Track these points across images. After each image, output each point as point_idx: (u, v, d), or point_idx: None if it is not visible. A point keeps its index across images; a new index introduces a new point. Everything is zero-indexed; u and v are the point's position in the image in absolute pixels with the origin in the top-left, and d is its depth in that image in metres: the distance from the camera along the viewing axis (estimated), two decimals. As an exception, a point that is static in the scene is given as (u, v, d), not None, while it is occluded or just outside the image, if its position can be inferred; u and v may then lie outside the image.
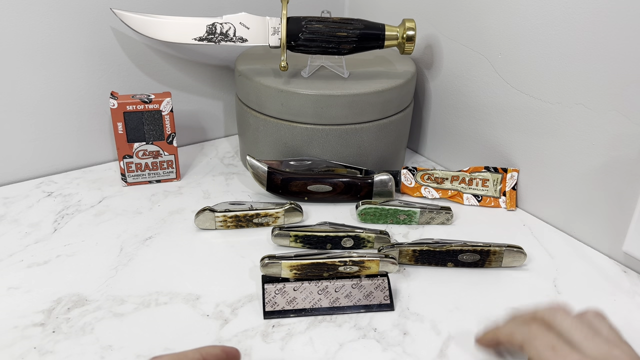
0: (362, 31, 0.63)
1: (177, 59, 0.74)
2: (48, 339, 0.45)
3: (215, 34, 0.63)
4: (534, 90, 0.61)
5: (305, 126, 0.65)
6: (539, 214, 0.65)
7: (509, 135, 0.66)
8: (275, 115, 0.66)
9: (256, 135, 0.69)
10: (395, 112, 0.68)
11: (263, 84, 0.65)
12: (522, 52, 0.61)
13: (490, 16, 0.64)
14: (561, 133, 0.59)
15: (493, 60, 0.65)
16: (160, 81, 0.74)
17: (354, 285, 0.50)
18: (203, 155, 0.77)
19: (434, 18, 0.71)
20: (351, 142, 0.66)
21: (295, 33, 0.63)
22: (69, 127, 0.70)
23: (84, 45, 0.67)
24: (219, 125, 0.82)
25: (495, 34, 0.64)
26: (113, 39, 0.69)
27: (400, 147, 0.73)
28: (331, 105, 0.63)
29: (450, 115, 0.73)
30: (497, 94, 0.66)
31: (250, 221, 0.60)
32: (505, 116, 0.65)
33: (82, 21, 0.66)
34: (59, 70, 0.67)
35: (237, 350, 0.40)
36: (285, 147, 0.67)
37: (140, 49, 0.71)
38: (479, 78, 0.67)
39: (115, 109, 0.63)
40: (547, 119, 0.61)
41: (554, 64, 0.58)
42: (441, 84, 0.73)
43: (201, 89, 0.78)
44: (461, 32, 0.68)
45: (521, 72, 0.62)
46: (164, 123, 0.66)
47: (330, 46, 0.63)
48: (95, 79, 0.69)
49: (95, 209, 0.64)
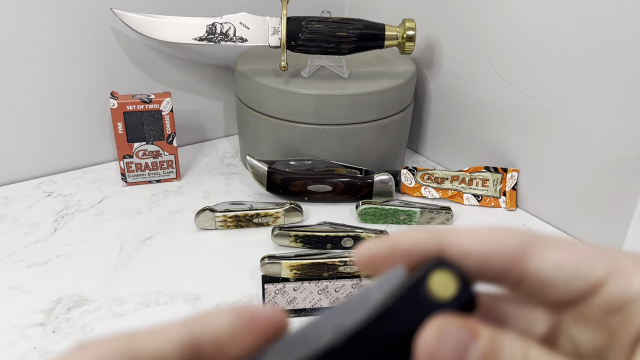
0: (362, 31, 0.63)
1: (177, 59, 0.74)
2: (48, 339, 0.45)
3: (215, 33, 0.63)
4: (534, 90, 0.61)
5: (305, 126, 0.65)
6: (539, 214, 0.65)
7: (509, 135, 0.66)
8: (275, 115, 0.66)
9: (256, 135, 0.69)
10: (395, 112, 0.68)
11: (263, 83, 0.65)
12: (522, 52, 0.61)
13: (491, 16, 0.63)
14: (561, 133, 0.59)
15: (493, 60, 0.65)
16: (160, 81, 0.74)
17: (354, 285, 0.50)
18: (203, 155, 0.77)
19: (434, 18, 0.71)
20: (351, 142, 0.66)
21: (295, 33, 0.63)
22: (69, 127, 0.70)
23: (84, 45, 0.67)
24: (219, 125, 0.82)
25: (495, 33, 0.64)
26: (113, 39, 0.69)
27: (400, 147, 0.73)
28: (331, 105, 0.63)
29: (450, 115, 0.73)
30: (497, 94, 0.66)
31: (250, 221, 0.60)
32: (506, 116, 0.65)
33: (82, 21, 0.66)
34: (58, 70, 0.67)
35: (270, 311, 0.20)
36: (285, 147, 0.67)
37: (140, 49, 0.71)
38: (479, 78, 0.67)
39: (115, 109, 0.63)
40: (547, 119, 0.60)
41: (554, 63, 0.58)
42: (441, 84, 0.73)
43: (201, 88, 0.78)
44: (461, 32, 0.68)
45: (521, 72, 0.62)
46: (164, 123, 0.66)
47: (330, 46, 0.63)
48: (95, 79, 0.69)
49: (95, 209, 0.63)
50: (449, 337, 0.16)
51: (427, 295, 0.17)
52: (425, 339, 0.16)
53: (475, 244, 0.18)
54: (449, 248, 0.18)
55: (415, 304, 0.17)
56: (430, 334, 0.16)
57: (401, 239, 0.19)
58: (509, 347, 0.16)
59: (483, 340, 0.16)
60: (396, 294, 0.17)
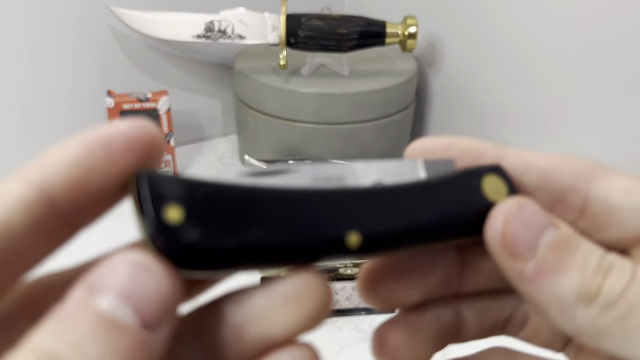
0: (363, 28, 0.62)
1: (175, 57, 0.74)
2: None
3: (213, 31, 0.62)
4: (537, 89, 0.60)
5: (305, 125, 0.64)
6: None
7: (512, 135, 0.65)
8: (274, 114, 0.65)
9: (255, 134, 0.68)
10: (396, 110, 0.67)
11: (262, 82, 0.64)
12: (525, 50, 0.60)
13: (493, 13, 0.63)
14: (564, 132, 0.59)
15: (496, 58, 0.64)
16: (157, 79, 0.74)
17: (355, 287, 0.49)
18: (201, 155, 0.76)
19: (436, 15, 0.70)
20: (352, 141, 0.65)
21: (294, 30, 0.62)
22: (64, 126, 0.69)
23: (80, 43, 0.66)
24: (217, 124, 0.81)
25: (498, 31, 0.63)
26: (109, 36, 0.68)
27: (402, 147, 0.72)
28: (331, 104, 0.63)
29: (453, 114, 0.72)
30: (500, 93, 0.65)
31: (249, 222, 0.59)
32: (509, 115, 0.64)
33: (77, 18, 0.65)
34: (54, 68, 0.66)
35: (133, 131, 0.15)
36: (284, 146, 0.66)
37: (137, 46, 0.70)
38: (481, 76, 0.66)
39: (112, 108, 0.63)
40: (551, 118, 0.60)
41: (558, 62, 0.57)
42: (443, 82, 0.72)
43: (199, 87, 0.77)
44: (464, 30, 0.67)
45: (525, 71, 0.61)
46: (161, 122, 0.65)
47: (331, 43, 0.62)
48: (91, 78, 0.68)
49: (91, 209, 0.62)
50: (528, 211, 0.15)
51: (479, 189, 0.16)
52: (505, 206, 0.15)
53: (539, 159, 0.17)
54: (509, 158, 0.17)
55: (468, 192, 0.16)
56: (512, 202, 0.15)
57: (459, 139, 0.18)
58: (586, 247, 0.15)
59: (563, 231, 0.15)
60: (450, 175, 0.16)
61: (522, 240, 0.15)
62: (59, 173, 0.14)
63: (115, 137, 0.14)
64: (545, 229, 0.15)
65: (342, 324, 0.47)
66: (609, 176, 0.16)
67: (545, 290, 0.15)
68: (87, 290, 0.12)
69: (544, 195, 0.17)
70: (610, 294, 0.14)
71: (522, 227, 0.15)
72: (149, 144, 0.14)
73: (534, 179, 0.17)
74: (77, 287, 0.13)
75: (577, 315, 0.14)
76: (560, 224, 0.16)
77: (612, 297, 0.14)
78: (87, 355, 0.11)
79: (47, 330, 0.12)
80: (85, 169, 0.14)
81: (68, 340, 0.12)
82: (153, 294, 0.12)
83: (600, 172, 0.17)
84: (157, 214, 0.13)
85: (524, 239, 0.15)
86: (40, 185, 0.14)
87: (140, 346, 0.12)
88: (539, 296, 0.15)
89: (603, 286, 0.14)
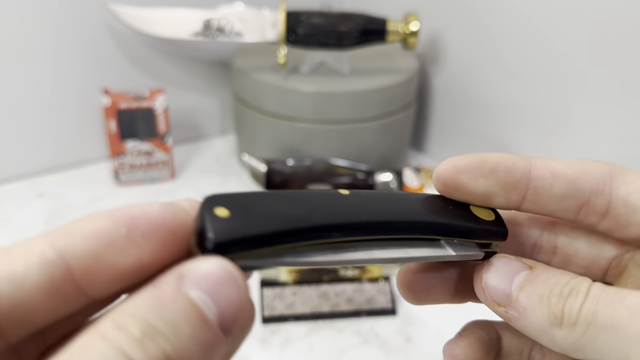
0: (364, 26, 0.61)
1: (172, 55, 0.73)
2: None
3: (211, 29, 0.61)
4: (541, 87, 0.59)
5: (305, 124, 0.63)
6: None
7: (515, 133, 0.64)
8: (273, 112, 0.64)
9: (254, 133, 0.67)
10: (397, 109, 0.66)
11: (261, 80, 0.63)
12: (529, 47, 0.59)
13: (496, 10, 0.62)
14: (569, 131, 0.58)
15: (499, 56, 0.63)
16: (154, 77, 0.73)
17: (355, 289, 0.49)
18: (199, 154, 0.75)
19: (438, 12, 0.70)
20: (352, 140, 0.64)
21: (294, 27, 0.61)
22: (60, 125, 0.68)
23: (76, 41, 0.65)
24: (215, 123, 0.80)
25: (501, 28, 0.62)
26: (105, 34, 0.67)
27: (403, 146, 0.71)
28: (331, 103, 0.62)
29: (455, 113, 0.72)
30: (503, 91, 0.64)
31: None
32: (512, 113, 0.64)
33: (73, 16, 0.64)
34: (49, 67, 0.65)
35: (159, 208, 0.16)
36: (283, 145, 0.65)
37: (133, 44, 0.69)
38: (484, 74, 0.66)
39: (108, 107, 0.62)
40: (555, 117, 0.59)
41: (562, 59, 0.56)
42: (445, 80, 0.72)
43: (197, 85, 0.76)
44: (466, 27, 0.66)
45: (528, 69, 0.60)
46: (158, 121, 0.64)
47: (331, 41, 0.62)
48: (87, 76, 0.68)
49: (87, 209, 0.62)
50: (500, 265, 0.19)
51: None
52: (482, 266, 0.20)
53: (564, 167, 0.19)
54: (537, 169, 0.19)
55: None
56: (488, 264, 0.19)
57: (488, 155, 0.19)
58: (552, 279, 0.18)
59: (532, 270, 0.18)
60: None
61: (497, 291, 0.19)
62: (80, 243, 0.14)
63: (142, 219, 0.15)
64: (515, 275, 0.18)
65: (343, 326, 0.46)
66: (629, 177, 0.18)
67: (526, 324, 0.18)
68: (179, 279, 0.14)
69: (571, 202, 0.19)
70: (571, 315, 0.17)
71: (496, 280, 0.19)
72: (175, 230, 0.15)
73: (563, 188, 0.19)
74: (169, 274, 0.14)
75: (555, 337, 0.17)
76: (533, 264, 0.18)
77: (573, 318, 0.17)
78: (181, 335, 0.13)
79: (142, 303, 0.13)
80: (105, 244, 0.14)
81: (165, 317, 0.13)
82: (235, 301, 0.14)
83: (619, 174, 0.18)
84: (210, 211, 0.15)
85: (499, 289, 0.19)
86: (61, 250, 0.14)
87: (218, 343, 0.14)
88: (524, 329, 0.18)
89: (564, 310, 0.17)
